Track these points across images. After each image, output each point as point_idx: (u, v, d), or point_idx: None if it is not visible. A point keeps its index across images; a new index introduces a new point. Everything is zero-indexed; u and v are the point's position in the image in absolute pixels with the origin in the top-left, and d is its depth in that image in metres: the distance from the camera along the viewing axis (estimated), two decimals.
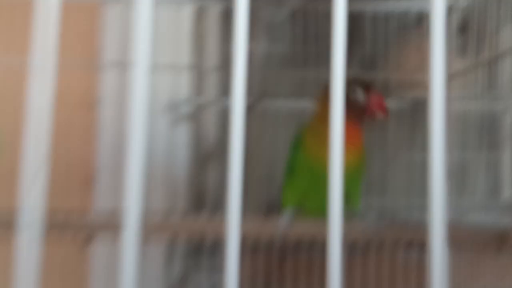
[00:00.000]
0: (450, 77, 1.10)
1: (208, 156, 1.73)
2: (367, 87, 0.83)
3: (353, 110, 0.81)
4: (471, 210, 1.11)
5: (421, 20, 1.48)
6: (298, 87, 1.57)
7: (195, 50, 1.68)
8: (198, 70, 1.69)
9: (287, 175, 0.92)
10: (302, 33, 1.44)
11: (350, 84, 0.81)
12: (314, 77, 1.39)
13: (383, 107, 0.83)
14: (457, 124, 1.15)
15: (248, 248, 1.15)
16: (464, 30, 1.09)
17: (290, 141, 0.93)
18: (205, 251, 1.17)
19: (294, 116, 1.43)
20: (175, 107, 1.52)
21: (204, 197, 1.60)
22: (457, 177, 1.10)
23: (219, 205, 1.64)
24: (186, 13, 1.50)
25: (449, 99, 1.08)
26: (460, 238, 0.79)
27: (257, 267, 1.11)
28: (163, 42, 1.39)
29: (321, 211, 0.89)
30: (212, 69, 1.58)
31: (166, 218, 0.79)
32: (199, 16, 1.68)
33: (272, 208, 1.42)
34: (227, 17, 1.81)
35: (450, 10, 1.14)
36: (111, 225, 0.78)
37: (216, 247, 1.46)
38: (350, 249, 1.05)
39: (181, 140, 1.51)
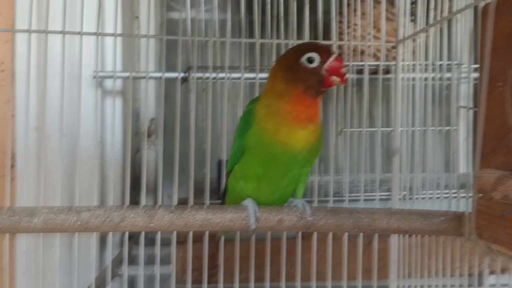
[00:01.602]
0: (400, 42, 1.01)
1: (145, 132, 1.61)
2: (322, 51, 0.70)
3: (308, 79, 0.70)
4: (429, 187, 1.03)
5: None
6: (248, 58, 1.47)
7: (126, 17, 1.55)
8: (130, 39, 1.56)
9: (236, 157, 0.78)
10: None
11: (302, 50, 0.71)
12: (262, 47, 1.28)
13: (340, 73, 0.69)
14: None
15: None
16: None
17: (240, 118, 0.79)
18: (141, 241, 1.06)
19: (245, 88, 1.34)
20: (104, 80, 1.40)
21: (141, 175, 1.48)
22: (416, 152, 1.02)
23: (156, 184, 1.53)
24: None
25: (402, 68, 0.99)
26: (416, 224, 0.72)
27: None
28: (89, 8, 1.23)
29: (275, 195, 0.79)
30: (146, 39, 1.45)
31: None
32: None
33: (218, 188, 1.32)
34: None
35: None
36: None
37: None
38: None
39: (113, 115, 1.38)
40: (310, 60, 0.69)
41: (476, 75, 0.71)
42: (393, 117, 1.00)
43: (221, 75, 1.25)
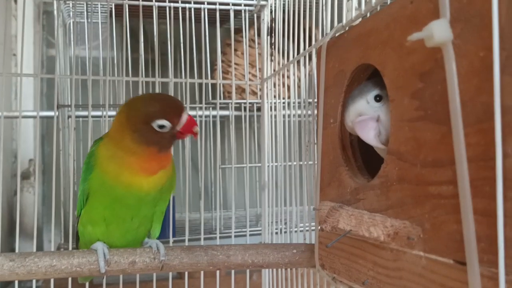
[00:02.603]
0: (264, 81, 1.04)
1: (24, 174, 1.53)
2: (172, 116, 0.69)
3: (160, 141, 0.70)
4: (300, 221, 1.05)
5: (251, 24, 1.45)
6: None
7: (2, 53, 1.48)
8: (7, 78, 1.49)
9: (82, 201, 0.76)
10: (119, 36, 1.32)
11: (152, 115, 0.69)
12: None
13: (193, 131, 0.71)
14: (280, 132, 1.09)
15: None
16: (272, 32, 1.04)
17: (84, 161, 0.77)
18: None
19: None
20: None
21: (19, 220, 1.40)
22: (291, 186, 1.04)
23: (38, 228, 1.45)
24: None
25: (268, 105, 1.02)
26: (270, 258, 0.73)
27: None
28: None
29: (127, 237, 0.77)
30: (26, 76, 1.40)
31: None
32: (7, 12, 1.48)
33: None
34: (47, 16, 1.63)
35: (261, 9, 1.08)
36: None
37: None
38: None
39: None
40: (161, 127, 0.70)
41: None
42: (261, 153, 1.02)
43: (97, 113, 1.22)
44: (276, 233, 1.00)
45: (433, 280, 0.44)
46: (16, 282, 1.00)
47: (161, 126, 0.70)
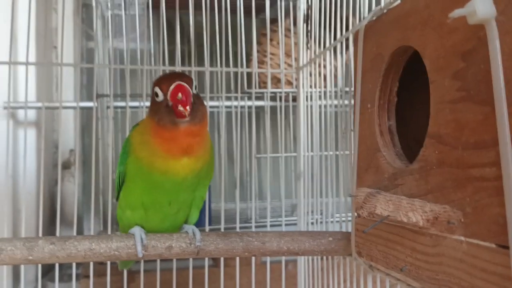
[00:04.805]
0: (299, 70, 1.03)
1: (64, 163, 1.57)
2: (163, 83, 0.68)
3: (157, 112, 0.69)
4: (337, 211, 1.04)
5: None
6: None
7: (43, 47, 1.52)
8: (48, 69, 1.53)
9: (118, 184, 0.77)
10: (156, 27, 1.33)
11: (153, 84, 0.71)
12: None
13: (176, 98, 0.65)
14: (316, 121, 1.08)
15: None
16: (308, 19, 1.03)
17: (122, 145, 0.79)
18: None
19: None
20: (17, 111, 1.36)
21: (60, 209, 1.44)
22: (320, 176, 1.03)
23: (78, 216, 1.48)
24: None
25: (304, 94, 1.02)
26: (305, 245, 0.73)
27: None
28: (1, 37, 1.21)
29: (166, 223, 0.78)
30: (65, 69, 1.43)
31: None
32: (47, 5, 1.52)
33: None
34: (87, 9, 1.67)
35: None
36: None
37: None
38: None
39: (25, 147, 1.34)
40: (156, 94, 0.70)
41: None
42: (297, 142, 1.02)
43: (134, 103, 1.24)
44: (312, 223, 0.99)
45: (475, 265, 0.42)
46: (57, 269, 1.03)
47: (156, 94, 0.69)
